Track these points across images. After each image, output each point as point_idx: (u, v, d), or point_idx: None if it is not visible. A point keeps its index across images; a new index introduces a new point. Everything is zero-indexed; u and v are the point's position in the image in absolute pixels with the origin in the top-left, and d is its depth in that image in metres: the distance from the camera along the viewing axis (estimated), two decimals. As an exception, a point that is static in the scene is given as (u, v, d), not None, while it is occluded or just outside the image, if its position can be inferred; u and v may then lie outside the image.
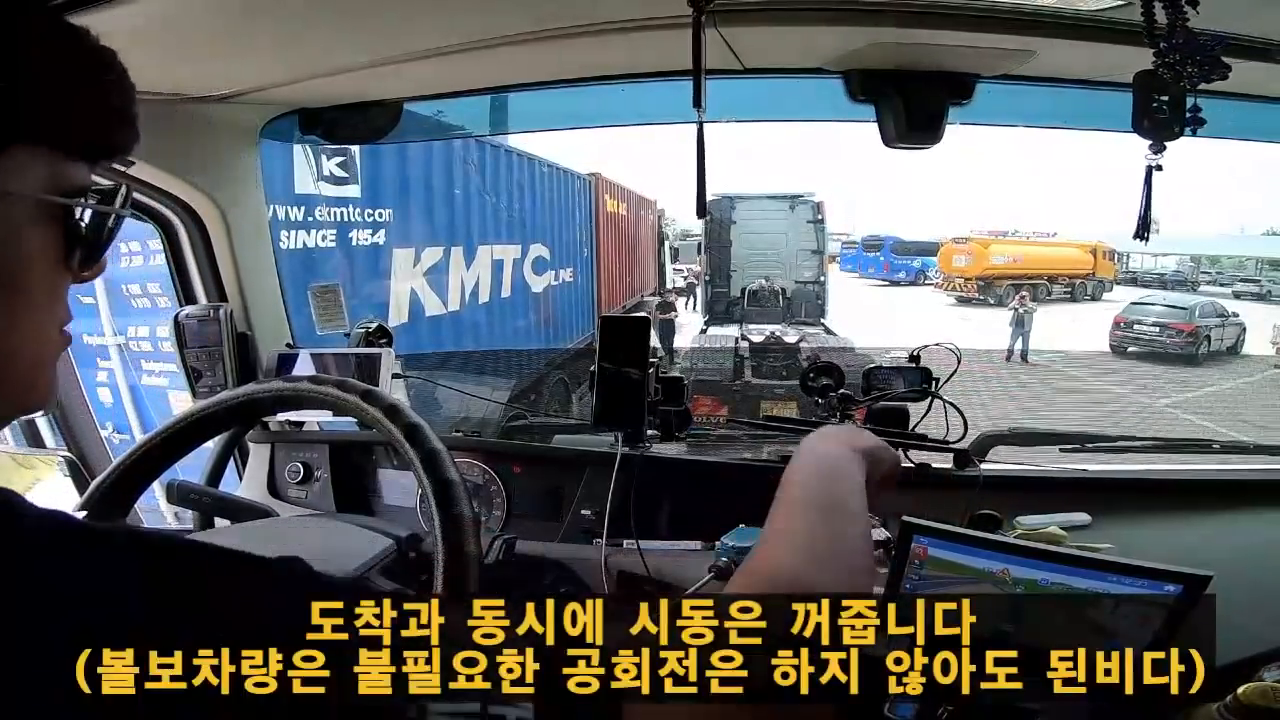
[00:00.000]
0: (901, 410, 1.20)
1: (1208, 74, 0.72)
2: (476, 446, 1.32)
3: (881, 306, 16.09)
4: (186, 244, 1.36)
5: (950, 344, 1.27)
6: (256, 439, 1.44)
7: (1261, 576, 0.95)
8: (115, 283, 3.22)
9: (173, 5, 0.76)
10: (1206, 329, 11.25)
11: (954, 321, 13.41)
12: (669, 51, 1.04)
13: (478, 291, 5.89)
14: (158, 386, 3.33)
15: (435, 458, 0.77)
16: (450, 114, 1.44)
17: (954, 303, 17.10)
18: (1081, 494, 1.16)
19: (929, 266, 19.89)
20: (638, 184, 10.79)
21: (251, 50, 0.99)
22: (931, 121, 1.12)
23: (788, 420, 1.25)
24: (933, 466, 1.19)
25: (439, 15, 0.91)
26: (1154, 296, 13.49)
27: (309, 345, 1.36)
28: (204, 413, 0.90)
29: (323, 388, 0.85)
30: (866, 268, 21.98)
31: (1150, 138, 0.80)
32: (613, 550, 1.09)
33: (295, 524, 0.98)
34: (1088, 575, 0.78)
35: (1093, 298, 18.00)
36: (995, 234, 18.98)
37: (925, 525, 0.84)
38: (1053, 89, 1.17)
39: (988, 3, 0.91)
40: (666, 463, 1.22)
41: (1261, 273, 21.04)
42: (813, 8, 0.94)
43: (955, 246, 17.63)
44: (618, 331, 1.14)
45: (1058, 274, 17.99)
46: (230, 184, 1.33)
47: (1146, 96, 0.79)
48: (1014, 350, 10.67)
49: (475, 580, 0.73)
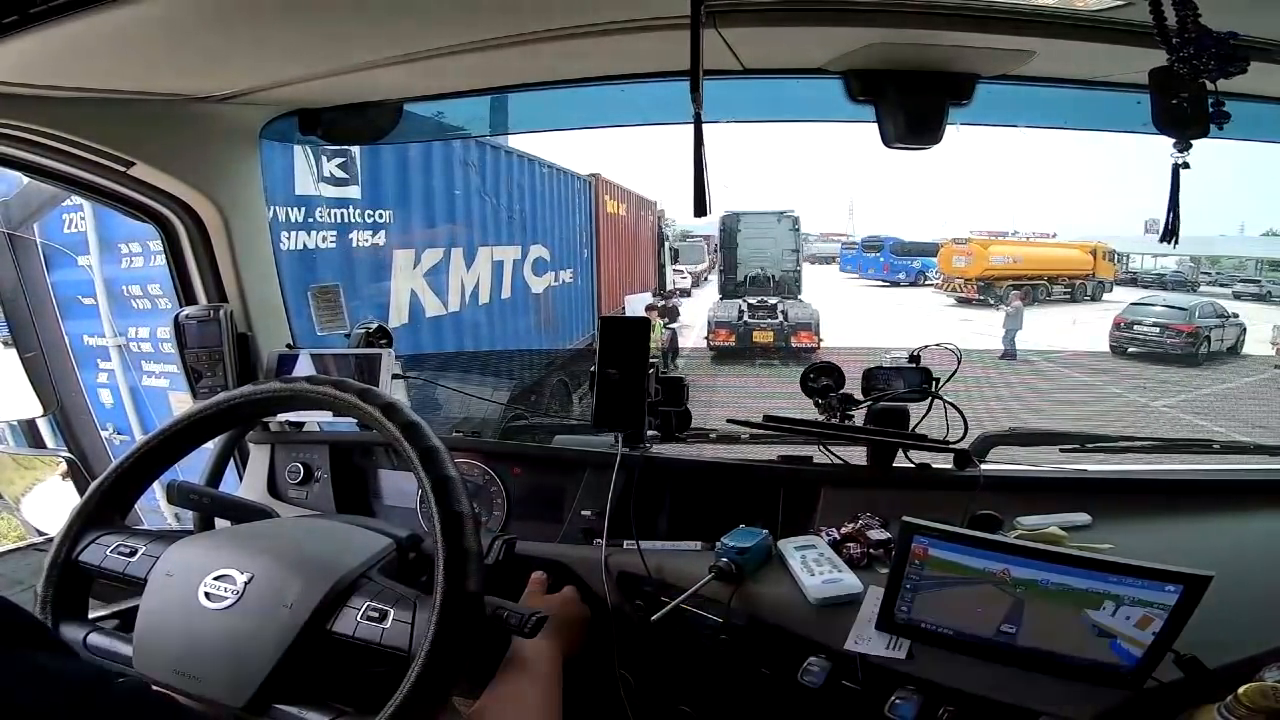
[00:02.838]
0: (901, 410, 1.20)
1: (1225, 68, 0.70)
2: (476, 447, 1.32)
3: (881, 307, 16.14)
4: (186, 244, 1.36)
5: (950, 344, 1.27)
6: (257, 439, 1.44)
7: (1261, 576, 0.95)
8: (116, 284, 3.22)
9: (173, 6, 0.76)
10: (1206, 329, 11.24)
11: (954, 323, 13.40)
12: (668, 52, 1.04)
13: (478, 292, 5.89)
14: (158, 387, 3.33)
15: (433, 455, 0.77)
16: (450, 114, 1.44)
17: (954, 304, 17.09)
18: (1081, 494, 1.16)
19: (929, 267, 19.88)
20: (638, 184, 10.81)
21: (251, 50, 0.99)
22: (931, 122, 1.12)
23: (787, 420, 1.24)
24: (933, 466, 1.20)
25: (439, 15, 0.91)
26: (1154, 297, 13.48)
27: (309, 346, 1.36)
28: (204, 413, 0.90)
29: (320, 388, 0.84)
30: (866, 269, 21.98)
31: (1174, 136, 0.79)
32: (613, 550, 1.09)
33: (295, 524, 0.98)
34: (1088, 575, 0.78)
35: (1092, 298, 17.99)
36: (995, 235, 18.98)
37: (925, 525, 0.85)
38: (1053, 89, 1.17)
39: (987, 3, 0.91)
40: (666, 463, 1.22)
41: (1261, 273, 21.02)
42: (812, 8, 0.94)
43: (955, 247, 17.63)
44: (618, 332, 1.14)
45: (1057, 275, 17.98)
46: (230, 184, 1.33)
47: (1165, 94, 0.77)
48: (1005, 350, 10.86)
49: (476, 579, 0.73)
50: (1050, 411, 7.68)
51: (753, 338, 9.08)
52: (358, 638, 0.73)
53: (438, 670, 0.69)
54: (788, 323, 9.26)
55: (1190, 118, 0.77)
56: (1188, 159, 0.79)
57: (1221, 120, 0.74)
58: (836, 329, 10.76)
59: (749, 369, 8.80)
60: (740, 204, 13.09)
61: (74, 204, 3.10)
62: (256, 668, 0.71)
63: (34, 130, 1.05)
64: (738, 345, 9.07)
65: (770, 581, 1.00)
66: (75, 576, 0.83)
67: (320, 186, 4.19)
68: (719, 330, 9.38)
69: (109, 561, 0.83)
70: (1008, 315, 11.35)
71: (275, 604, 0.74)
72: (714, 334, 9.52)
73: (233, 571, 0.76)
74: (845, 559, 1.03)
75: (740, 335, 9.11)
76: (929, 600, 0.86)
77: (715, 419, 1.36)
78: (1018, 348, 10.83)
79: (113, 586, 0.84)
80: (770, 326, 9.16)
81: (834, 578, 0.97)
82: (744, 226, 11.36)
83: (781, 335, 9.08)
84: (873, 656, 0.88)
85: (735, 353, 9.08)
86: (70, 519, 0.85)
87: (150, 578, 0.79)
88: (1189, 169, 0.80)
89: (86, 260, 3.18)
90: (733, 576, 0.98)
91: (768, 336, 9.04)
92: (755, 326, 9.15)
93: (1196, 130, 0.78)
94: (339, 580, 0.76)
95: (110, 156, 1.16)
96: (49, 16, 0.73)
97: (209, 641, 0.73)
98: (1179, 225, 0.84)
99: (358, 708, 0.72)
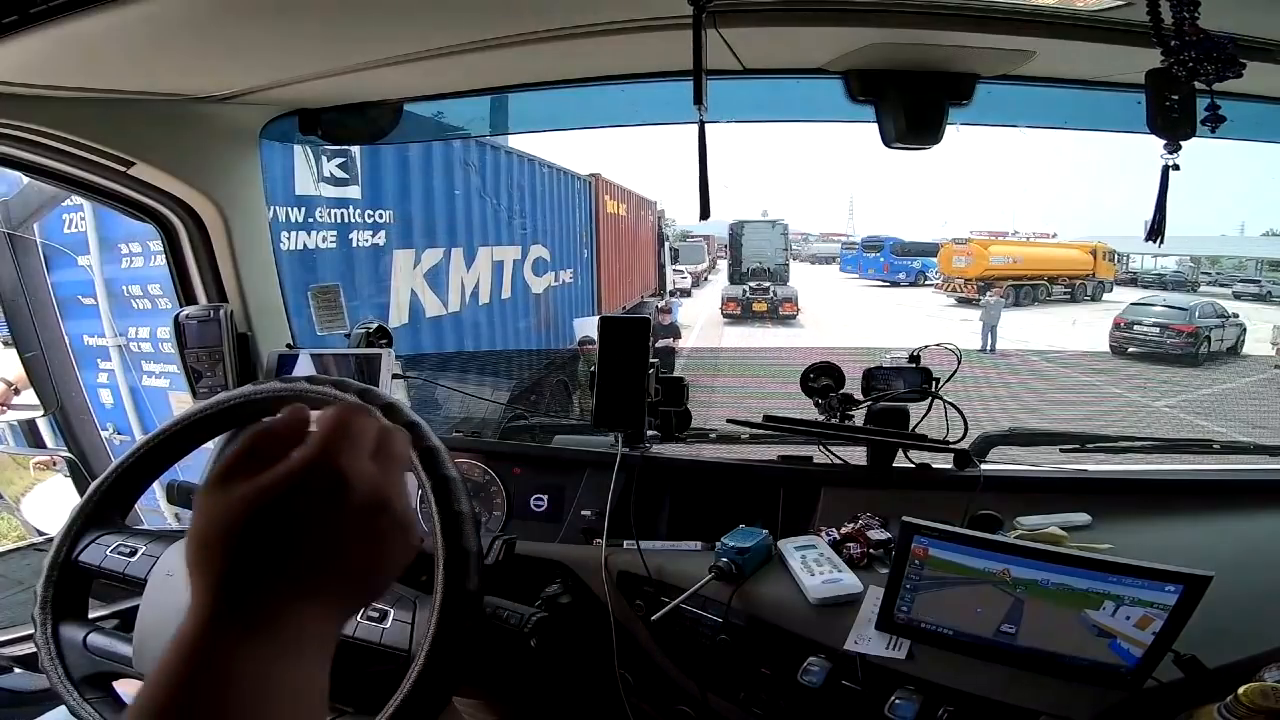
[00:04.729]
0: (901, 410, 1.20)
1: (1223, 72, 0.70)
2: (476, 447, 1.32)
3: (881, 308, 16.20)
4: (186, 244, 1.36)
5: (950, 344, 1.27)
6: (257, 439, 1.44)
7: (1261, 576, 0.95)
8: (116, 284, 3.22)
9: (173, 6, 0.76)
10: (1206, 330, 11.23)
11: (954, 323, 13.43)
12: (669, 52, 1.04)
13: (478, 293, 5.89)
14: (158, 387, 3.33)
15: (433, 455, 0.77)
16: (450, 114, 1.44)
17: (954, 304, 17.09)
18: (1081, 494, 1.16)
19: (929, 268, 19.87)
20: (638, 184, 10.85)
21: (252, 50, 0.99)
22: (931, 121, 1.12)
23: (787, 420, 1.24)
24: (933, 466, 1.20)
25: (439, 16, 0.91)
26: (1154, 297, 13.48)
27: (309, 346, 1.36)
28: (204, 413, 0.90)
29: (320, 387, 0.84)
30: (866, 269, 21.96)
31: (1165, 137, 0.79)
32: (613, 550, 1.09)
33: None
34: (1088, 575, 0.78)
35: (1093, 298, 17.97)
36: (995, 235, 18.98)
37: (926, 525, 0.85)
38: (1052, 89, 1.17)
39: (987, 3, 0.91)
40: (666, 463, 1.22)
41: (1261, 273, 21.00)
42: (813, 8, 0.94)
43: (955, 248, 17.62)
44: (617, 332, 1.14)
45: (1058, 275, 17.97)
46: (230, 184, 1.33)
47: (1159, 96, 0.78)
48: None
49: (476, 579, 0.73)
50: (1050, 411, 7.68)
51: (752, 308, 13.67)
52: (358, 638, 0.74)
53: (438, 670, 0.69)
54: (776, 298, 13.86)
55: (1180, 119, 0.77)
56: (1178, 160, 0.80)
57: (1216, 123, 0.74)
58: (837, 329, 13.45)
59: (751, 327, 13.23)
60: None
61: (74, 204, 3.10)
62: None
63: (34, 130, 1.05)
64: (741, 314, 13.71)
65: (770, 581, 1.00)
66: (75, 576, 0.83)
67: (320, 186, 4.19)
68: (729, 303, 13.87)
69: (109, 561, 0.83)
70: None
71: (275, 604, 0.74)
72: (725, 305, 13.94)
73: (233, 571, 0.76)
74: (845, 559, 1.03)
75: (744, 307, 13.67)
76: (929, 600, 0.86)
77: (715, 419, 1.36)
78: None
79: (113, 586, 0.84)
80: (765, 300, 13.79)
81: (834, 578, 0.97)
82: (746, 231, 15.86)
83: (772, 306, 13.77)
84: (872, 656, 0.88)
85: (739, 317, 13.73)
86: (70, 519, 0.85)
87: (150, 578, 0.79)
88: (1179, 170, 0.80)
89: (87, 260, 3.18)
90: (733, 576, 0.98)
91: (763, 307, 13.71)
92: (754, 300, 13.76)
93: (1185, 132, 0.78)
94: (339, 580, 0.76)
95: (110, 156, 1.16)
96: (49, 16, 0.73)
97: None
98: (1165, 225, 0.84)
99: (358, 708, 0.72)
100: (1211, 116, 0.75)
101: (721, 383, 8.21)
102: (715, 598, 0.98)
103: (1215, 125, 0.75)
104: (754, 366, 8.98)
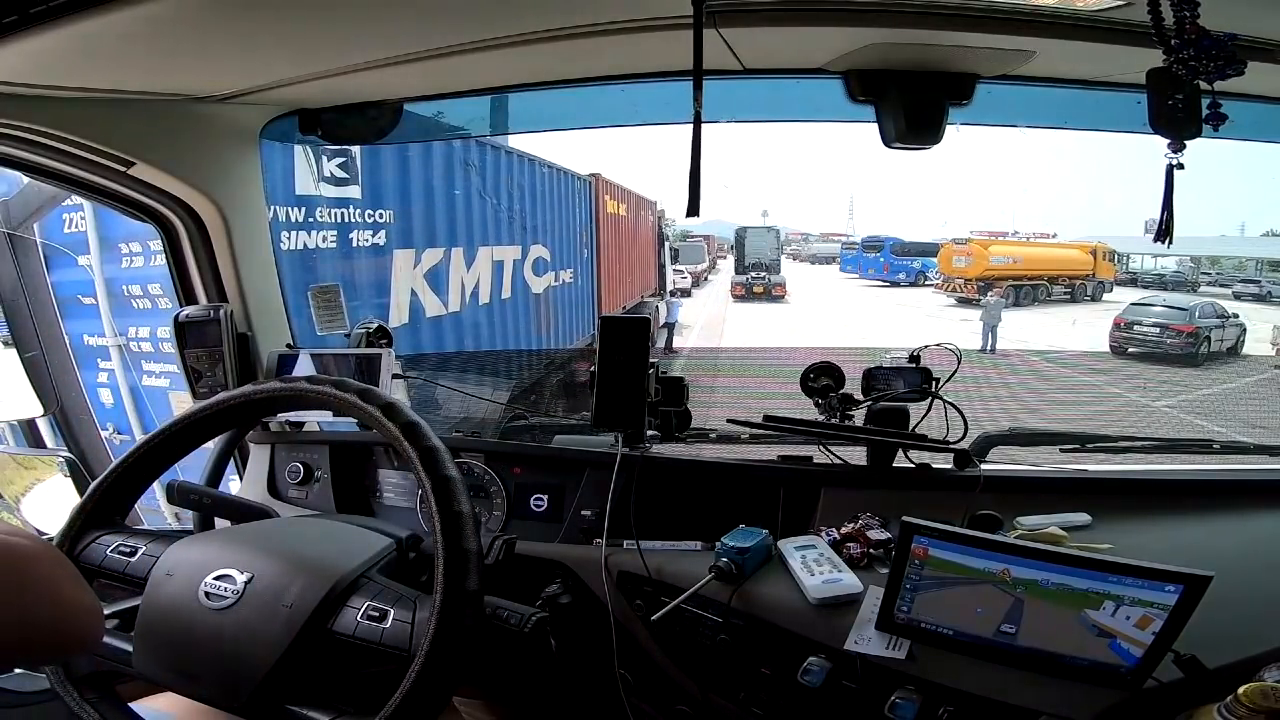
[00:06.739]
0: (901, 410, 1.20)
1: (1224, 71, 0.70)
2: (476, 447, 1.32)
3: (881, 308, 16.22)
4: (187, 244, 1.36)
5: (950, 344, 1.27)
6: (256, 439, 1.44)
7: (1261, 577, 0.95)
8: (116, 284, 3.22)
9: (173, 6, 0.76)
10: (1206, 330, 11.23)
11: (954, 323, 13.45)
12: (669, 52, 1.04)
13: (478, 292, 5.89)
14: (158, 387, 3.33)
15: (433, 455, 0.77)
16: (450, 114, 1.44)
17: (954, 304, 17.10)
18: (1081, 494, 1.16)
19: (929, 268, 19.90)
20: (638, 184, 10.84)
21: (251, 50, 0.99)
22: (931, 121, 1.12)
23: (787, 420, 1.24)
24: (933, 466, 1.20)
25: (439, 16, 0.91)
26: (1154, 297, 13.47)
27: (309, 346, 1.36)
28: (204, 413, 0.90)
29: (320, 387, 0.85)
30: (866, 269, 21.99)
31: (1169, 136, 0.79)
32: (613, 550, 1.09)
33: (295, 524, 0.98)
34: (1088, 575, 0.78)
35: (1093, 298, 17.98)
36: (995, 235, 19.01)
37: (925, 526, 0.85)
38: (1052, 89, 1.17)
39: (987, 3, 0.91)
40: (666, 463, 1.22)
41: (1261, 273, 21.00)
42: (812, 8, 0.94)
43: (955, 248, 17.64)
44: (617, 332, 1.14)
45: (1058, 275, 17.99)
46: (230, 184, 1.33)
47: (1161, 95, 0.78)
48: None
49: (476, 579, 0.73)
50: (1050, 412, 7.67)
51: (753, 290, 17.89)
52: (358, 637, 0.74)
53: (438, 669, 0.69)
54: (770, 283, 18.12)
55: (1184, 118, 0.77)
56: (1182, 159, 0.79)
57: (1218, 122, 0.74)
58: (837, 329, 13.67)
59: (752, 304, 16.91)
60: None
61: (74, 204, 3.10)
62: (256, 667, 0.72)
63: (35, 130, 1.05)
64: (745, 295, 17.80)
65: (770, 581, 1.00)
66: (75, 576, 0.83)
67: (320, 186, 4.19)
68: (736, 286, 18.21)
69: (109, 561, 0.83)
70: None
71: (275, 604, 0.74)
72: (734, 289, 18.21)
73: (233, 571, 0.76)
74: (845, 559, 1.03)
75: (747, 289, 17.94)
76: (929, 600, 0.86)
77: (715, 419, 1.36)
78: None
79: (113, 586, 0.84)
80: (762, 284, 18.04)
81: (834, 578, 0.97)
82: (748, 234, 19.78)
83: (768, 289, 17.95)
84: (872, 656, 0.88)
85: (743, 297, 17.77)
86: (70, 518, 0.85)
87: (150, 577, 0.79)
88: (1183, 169, 0.80)
89: (87, 260, 3.18)
90: (733, 576, 0.98)
91: (761, 289, 17.93)
92: (754, 284, 18.04)
93: (1190, 131, 0.78)
94: (339, 580, 0.76)
95: (111, 156, 1.16)
96: (50, 16, 0.73)
97: (209, 641, 0.74)
98: (1173, 225, 0.84)
99: (358, 707, 0.72)
100: (1213, 115, 0.75)
101: (721, 383, 8.22)
102: (715, 598, 0.98)
103: (1217, 124, 0.75)
104: (754, 366, 8.98)
